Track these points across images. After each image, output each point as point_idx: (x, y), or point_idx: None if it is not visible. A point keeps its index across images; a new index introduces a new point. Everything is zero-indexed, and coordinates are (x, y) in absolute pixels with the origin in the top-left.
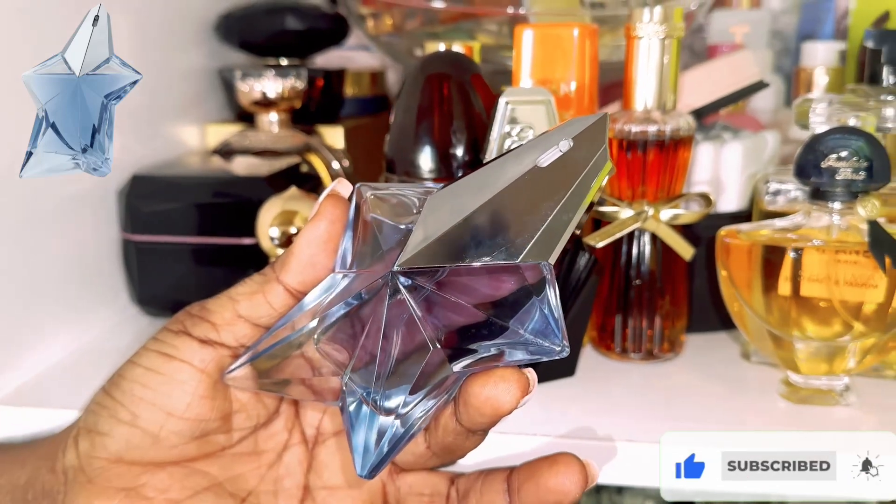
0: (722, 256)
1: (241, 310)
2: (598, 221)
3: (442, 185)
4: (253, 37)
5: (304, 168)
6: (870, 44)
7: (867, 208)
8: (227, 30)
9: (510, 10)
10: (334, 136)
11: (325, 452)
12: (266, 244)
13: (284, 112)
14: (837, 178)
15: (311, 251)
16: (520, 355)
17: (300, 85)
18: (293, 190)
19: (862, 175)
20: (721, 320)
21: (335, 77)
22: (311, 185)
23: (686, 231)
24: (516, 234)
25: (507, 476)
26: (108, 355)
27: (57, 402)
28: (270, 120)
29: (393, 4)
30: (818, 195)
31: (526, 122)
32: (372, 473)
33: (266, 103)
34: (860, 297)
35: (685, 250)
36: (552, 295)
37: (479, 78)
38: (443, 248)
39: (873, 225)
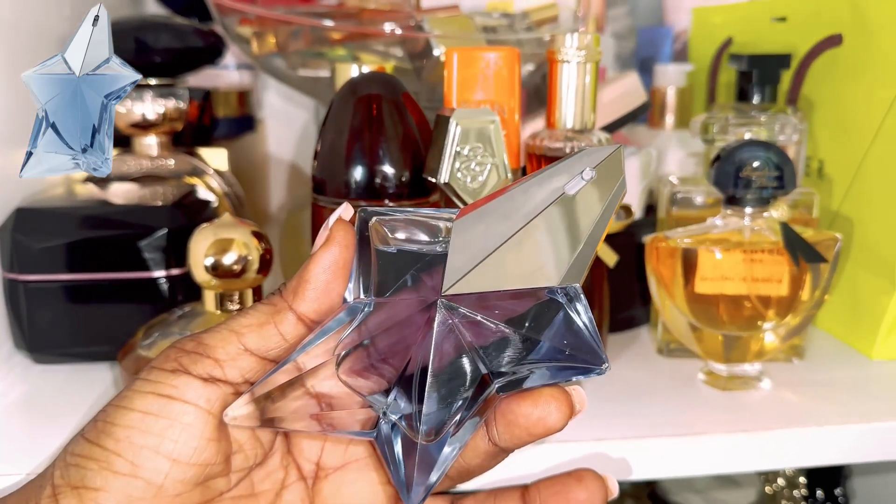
0: (652, 260)
1: (249, 343)
2: None
3: (456, 209)
4: (121, 55)
5: (200, 193)
6: (742, 66)
7: (780, 212)
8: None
9: (397, 31)
10: (217, 158)
11: (328, 489)
12: (201, 275)
13: (165, 134)
14: (753, 186)
15: (327, 278)
16: (562, 374)
17: (183, 105)
18: (227, 217)
19: (774, 183)
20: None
21: (211, 97)
22: (209, 211)
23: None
24: (552, 258)
25: (522, 494)
26: None
27: None
28: (149, 143)
29: (280, 22)
30: (733, 202)
31: (475, 142)
32: (421, 502)
33: (146, 125)
34: (769, 291)
35: (609, 257)
36: (586, 313)
37: (409, 97)
38: (485, 273)
39: (786, 227)
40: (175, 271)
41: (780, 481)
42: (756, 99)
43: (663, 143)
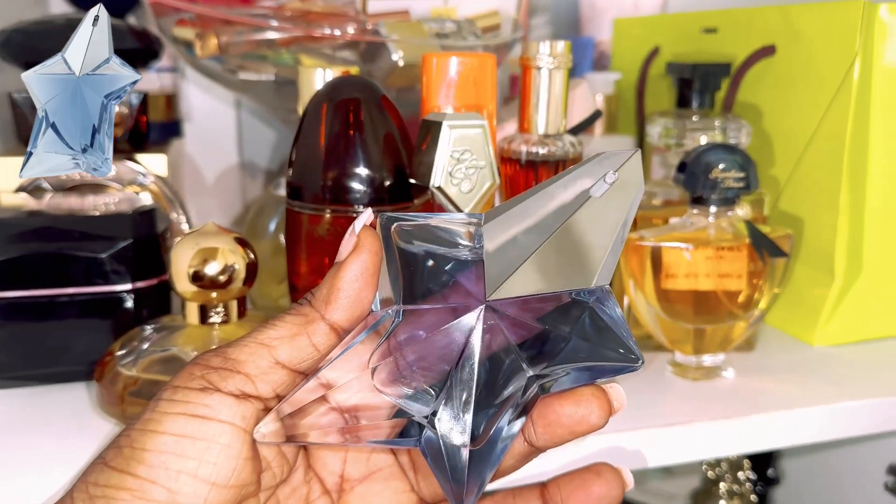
0: (623, 258)
1: (280, 355)
2: None
3: (474, 214)
4: (42, 57)
5: (147, 201)
6: (684, 74)
7: (744, 211)
8: (15, 47)
9: (349, 31)
10: (157, 164)
11: (354, 500)
12: (184, 286)
13: None
14: (719, 187)
15: (359, 285)
16: (597, 372)
17: (124, 110)
18: (210, 225)
19: (739, 184)
20: None
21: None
22: (164, 220)
23: None
24: (585, 260)
25: (541, 491)
26: None
27: None
28: None
29: (224, 24)
30: (699, 202)
31: (465, 146)
32: None
33: None
34: (732, 286)
35: None
36: (617, 311)
37: (388, 100)
38: (526, 277)
39: (751, 225)
40: (140, 284)
41: (724, 465)
42: (696, 105)
43: (593, 150)
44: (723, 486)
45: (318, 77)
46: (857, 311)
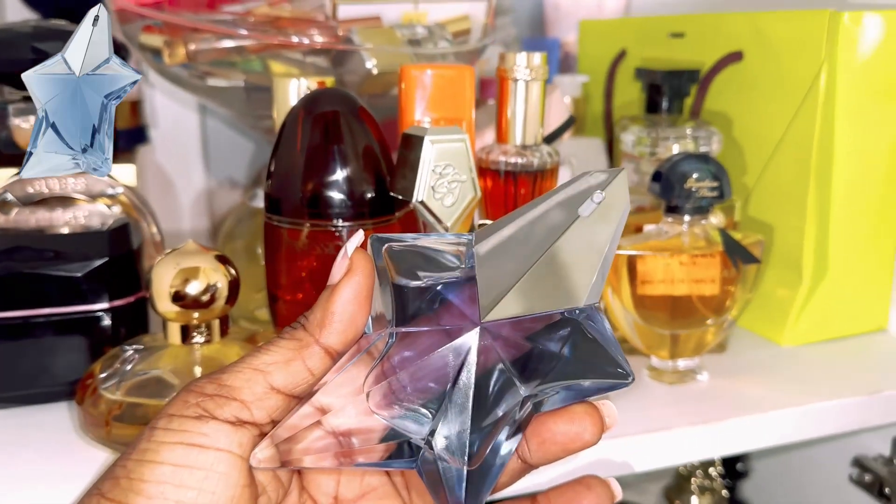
0: None
1: (275, 381)
2: None
3: (463, 234)
4: (18, 66)
5: (120, 215)
6: (655, 80)
7: (718, 219)
8: None
9: (321, 39)
10: (125, 174)
11: None
12: (166, 307)
13: None
14: (693, 196)
15: (353, 309)
16: (589, 390)
17: None
18: (190, 244)
19: (713, 193)
20: None
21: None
22: (139, 234)
23: None
24: (575, 279)
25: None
26: None
27: None
28: None
29: (192, 31)
30: (674, 210)
31: (446, 160)
32: None
33: None
34: (706, 291)
35: None
36: (607, 329)
37: (366, 112)
38: (519, 298)
39: (725, 234)
40: (118, 302)
41: (695, 461)
42: (665, 111)
43: (563, 152)
44: (694, 481)
45: (292, 87)
46: (823, 312)
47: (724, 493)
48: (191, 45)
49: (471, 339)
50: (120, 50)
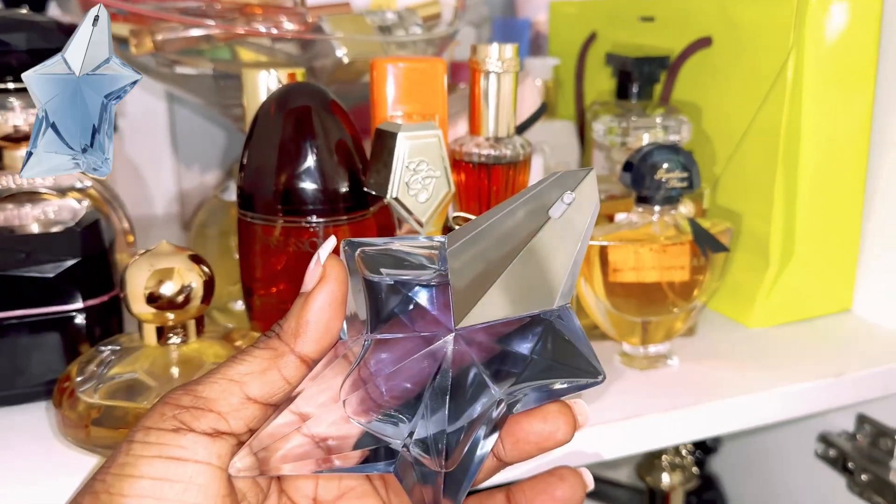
0: None
1: (251, 391)
2: None
3: (436, 237)
4: None
5: (91, 211)
6: (625, 67)
7: (687, 209)
8: None
9: (291, 27)
10: None
11: None
12: (140, 308)
13: None
14: (664, 187)
15: (327, 316)
16: (561, 389)
17: None
18: (164, 245)
19: (683, 184)
20: None
21: None
22: (111, 231)
23: None
24: (547, 281)
25: (507, 496)
26: None
27: None
28: (22, 156)
29: (160, 20)
30: (645, 201)
31: (420, 156)
32: None
33: (17, 138)
34: (675, 278)
35: None
36: (578, 328)
37: (338, 106)
38: (492, 302)
39: (694, 223)
40: (92, 301)
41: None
42: (635, 97)
43: (534, 137)
44: (665, 458)
45: (261, 79)
46: (790, 294)
47: (695, 469)
48: (158, 35)
49: (445, 345)
50: None
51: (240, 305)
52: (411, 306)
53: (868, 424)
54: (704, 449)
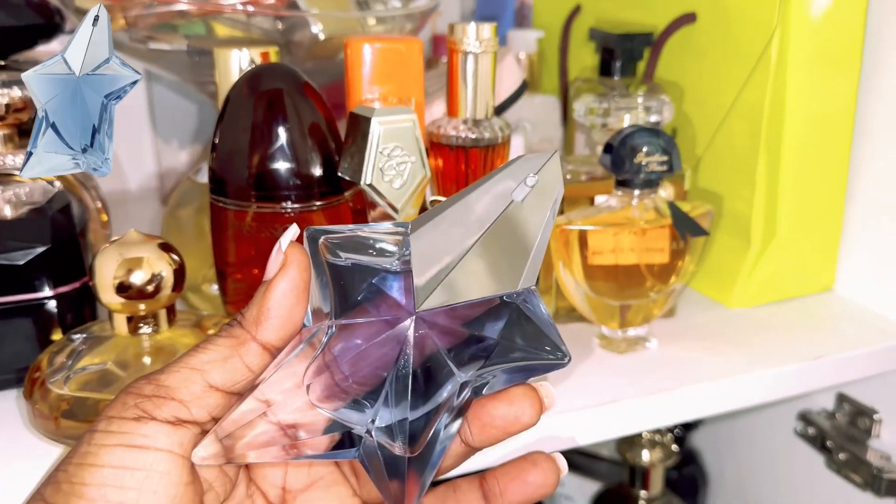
0: (552, 240)
1: (213, 379)
2: None
3: (401, 223)
4: None
5: (64, 195)
6: (608, 43)
7: (667, 192)
8: None
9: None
10: None
11: None
12: (110, 298)
13: (11, 127)
14: (643, 170)
15: (289, 303)
16: (527, 372)
17: (27, 92)
18: (132, 233)
19: (663, 167)
20: None
21: None
22: (85, 216)
23: None
24: (510, 264)
25: (480, 483)
26: None
27: None
28: None
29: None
30: (624, 184)
31: (395, 141)
32: None
33: None
34: (654, 261)
35: None
36: (543, 311)
37: (311, 87)
38: (454, 285)
39: (674, 207)
40: (63, 289)
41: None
42: (618, 74)
43: (514, 114)
44: (645, 435)
45: (234, 59)
46: (771, 274)
47: (675, 447)
48: (130, 12)
49: (407, 329)
50: (55, 15)
51: (216, 289)
52: (375, 292)
53: (847, 403)
54: (685, 425)
